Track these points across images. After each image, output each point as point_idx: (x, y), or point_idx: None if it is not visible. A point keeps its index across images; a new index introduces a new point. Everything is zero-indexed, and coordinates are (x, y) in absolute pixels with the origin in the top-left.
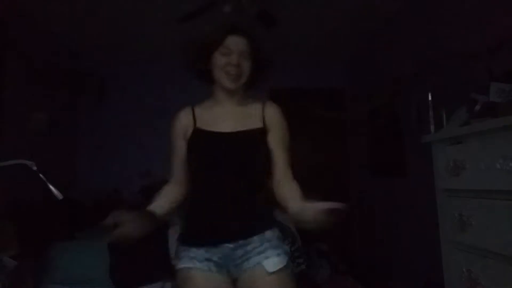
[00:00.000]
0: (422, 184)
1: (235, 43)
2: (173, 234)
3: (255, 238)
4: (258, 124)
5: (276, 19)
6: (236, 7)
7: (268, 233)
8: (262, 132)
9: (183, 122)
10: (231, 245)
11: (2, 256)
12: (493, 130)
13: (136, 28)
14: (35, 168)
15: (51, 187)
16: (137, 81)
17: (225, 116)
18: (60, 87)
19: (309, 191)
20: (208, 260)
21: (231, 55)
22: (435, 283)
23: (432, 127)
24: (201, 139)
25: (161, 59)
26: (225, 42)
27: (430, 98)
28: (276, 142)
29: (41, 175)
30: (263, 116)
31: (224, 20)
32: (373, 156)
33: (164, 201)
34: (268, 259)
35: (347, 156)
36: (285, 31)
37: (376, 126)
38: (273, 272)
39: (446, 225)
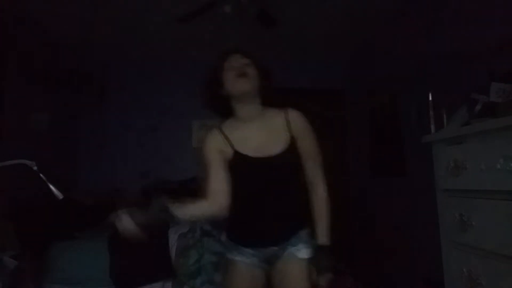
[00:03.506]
0: (422, 184)
1: (236, 59)
2: (173, 234)
3: (292, 238)
4: (286, 139)
5: (275, 19)
6: (236, 7)
7: (302, 233)
8: (291, 147)
9: (216, 144)
10: (276, 248)
11: (2, 256)
12: (493, 130)
13: (136, 28)
14: (35, 168)
15: (51, 187)
16: (137, 81)
17: (255, 137)
18: (60, 87)
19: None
20: (253, 256)
21: (235, 66)
22: (435, 283)
23: (432, 127)
24: (243, 165)
25: (161, 59)
26: (227, 60)
27: (430, 98)
28: (306, 151)
29: (41, 175)
30: (289, 128)
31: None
32: (373, 156)
33: (191, 209)
34: (300, 251)
35: (347, 156)
36: (285, 31)
37: (376, 126)
38: (302, 259)
39: (446, 225)
